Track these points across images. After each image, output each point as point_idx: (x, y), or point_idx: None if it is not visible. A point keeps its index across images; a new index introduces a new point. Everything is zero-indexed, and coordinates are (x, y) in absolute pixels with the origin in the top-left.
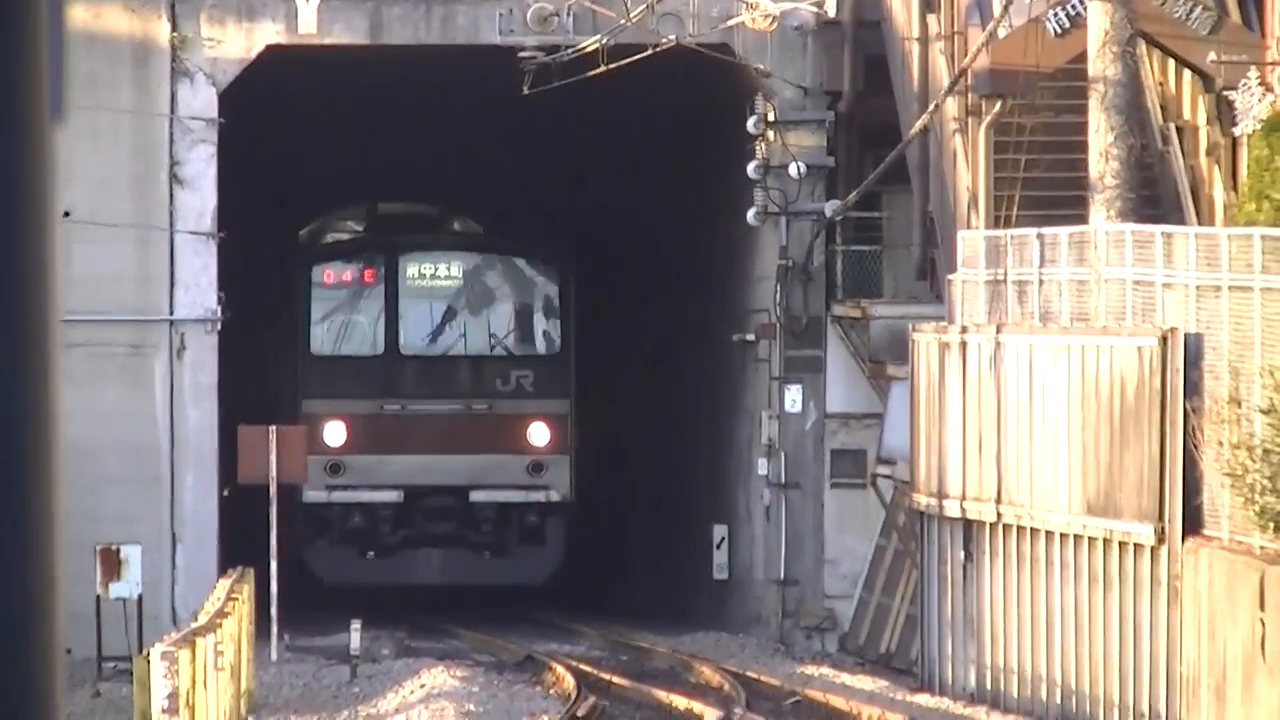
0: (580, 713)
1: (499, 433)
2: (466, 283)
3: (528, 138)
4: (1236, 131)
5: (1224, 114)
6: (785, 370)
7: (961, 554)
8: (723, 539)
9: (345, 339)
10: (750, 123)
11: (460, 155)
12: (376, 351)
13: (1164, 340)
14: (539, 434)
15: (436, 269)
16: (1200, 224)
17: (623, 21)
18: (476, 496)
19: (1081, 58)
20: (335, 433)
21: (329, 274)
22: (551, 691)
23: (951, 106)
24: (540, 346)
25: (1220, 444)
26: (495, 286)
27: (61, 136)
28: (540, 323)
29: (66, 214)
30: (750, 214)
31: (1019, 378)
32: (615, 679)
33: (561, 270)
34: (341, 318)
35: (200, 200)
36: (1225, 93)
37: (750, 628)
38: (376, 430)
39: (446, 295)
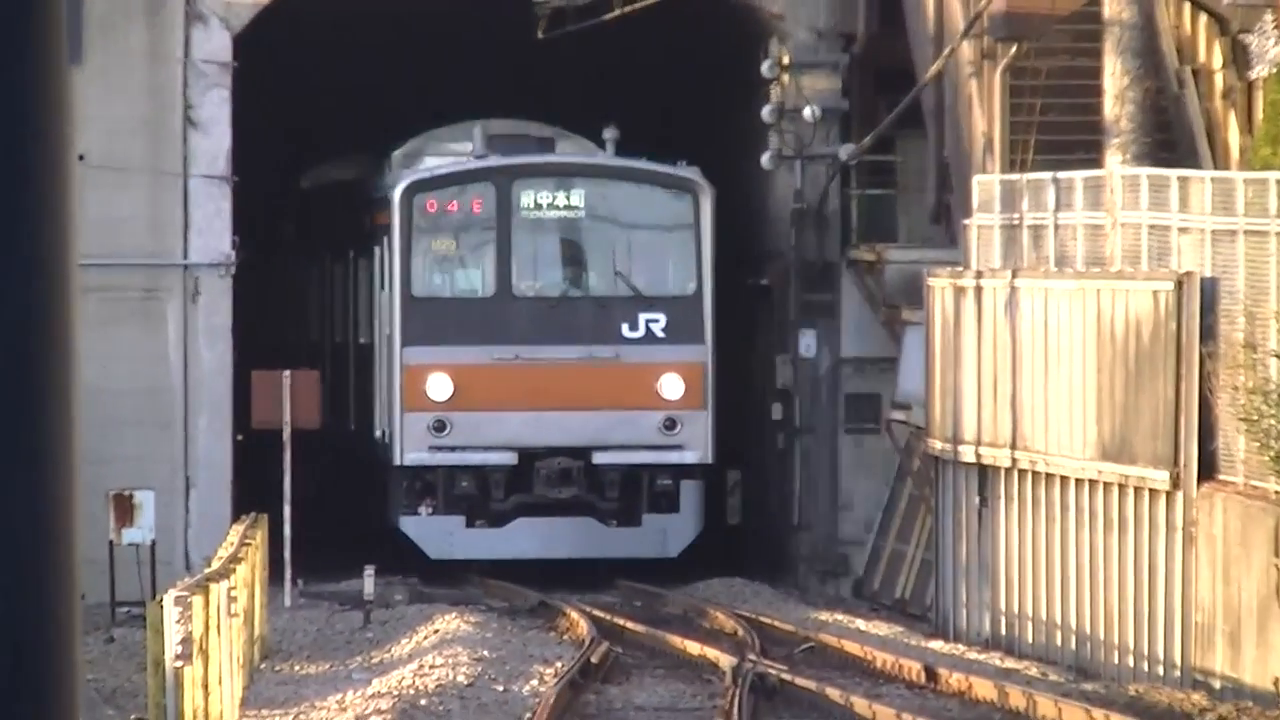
0: (594, 659)
1: (627, 385)
2: (589, 213)
3: (544, 79)
4: (1252, 75)
5: (1239, 57)
6: (800, 314)
7: (976, 499)
8: (735, 484)
9: (451, 279)
10: (764, 66)
11: (479, 92)
12: (486, 293)
13: (1179, 285)
14: (672, 386)
15: (555, 197)
16: (1216, 168)
17: None
18: (601, 458)
19: (1097, 1)
20: (439, 386)
21: (431, 203)
22: (565, 637)
23: (967, 50)
24: (673, 286)
25: (1235, 389)
26: (622, 217)
27: (78, 80)
28: (673, 259)
29: (81, 158)
30: (765, 158)
31: (1034, 322)
32: (629, 625)
33: (697, 198)
34: (446, 254)
35: (214, 144)
36: (1241, 36)
37: (765, 573)
38: (487, 383)
39: (566, 228)
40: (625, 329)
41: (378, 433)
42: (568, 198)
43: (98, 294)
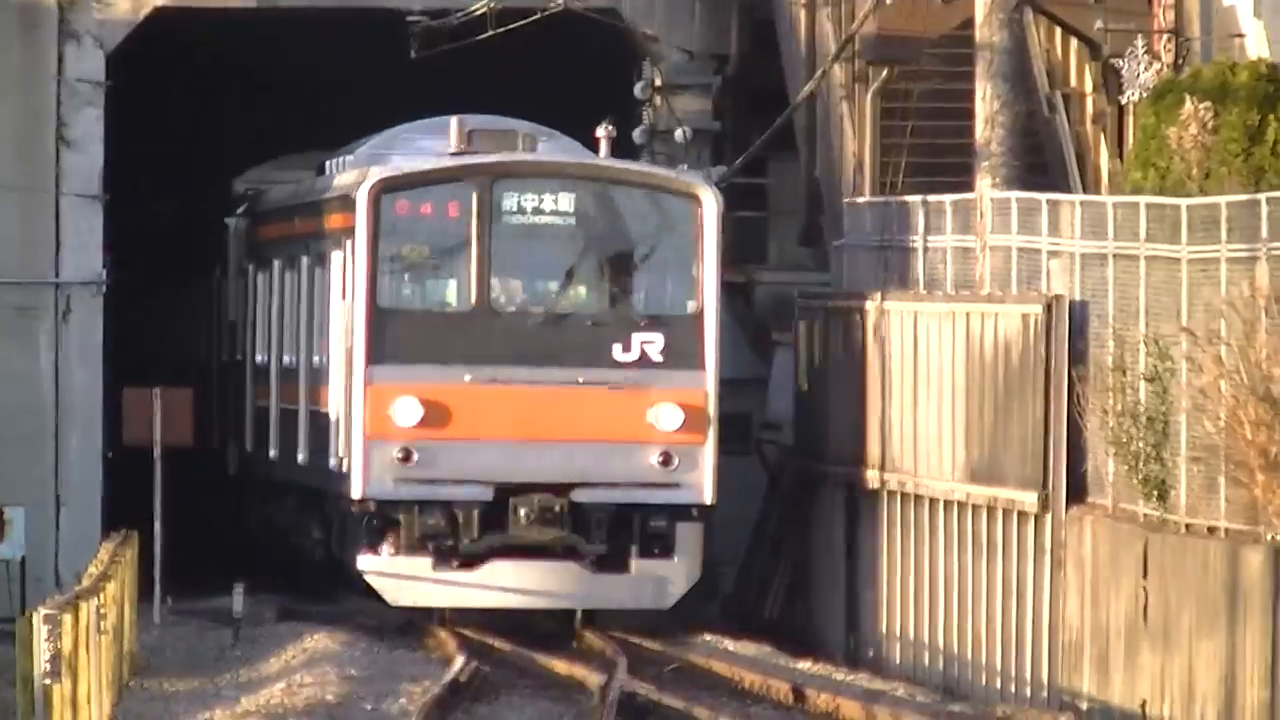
0: (462, 678)
1: (618, 414)
2: (579, 220)
3: (417, 102)
4: (1123, 99)
5: (1110, 82)
6: None
7: (845, 520)
8: None
9: (422, 290)
10: (637, 88)
11: (350, 117)
12: (462, 307)
13: (1049, 308)
14: (669, 416)
15: (541, 201)
16: (1086, 192)
17: None
18: (586, 496)
19: (968, 24)
20: (407, 410)
21: (402, 204)
22: (433, 656)
23: (839, 73)
24: (672, 304)
25: (1105, 412)
26: (616, 225)
27: None
28: (672, 273)
29: None
30: None
31: (904, 345)
32: (497, 643)
33: (699, 206)
34: (418, 262)
35: (88, 162)
36: (1112, 61)
37: None
38: (460, 407)
39: (553, 235)
40: (617, 351)
41: (332, 461)
42: (556, 202)
43: None
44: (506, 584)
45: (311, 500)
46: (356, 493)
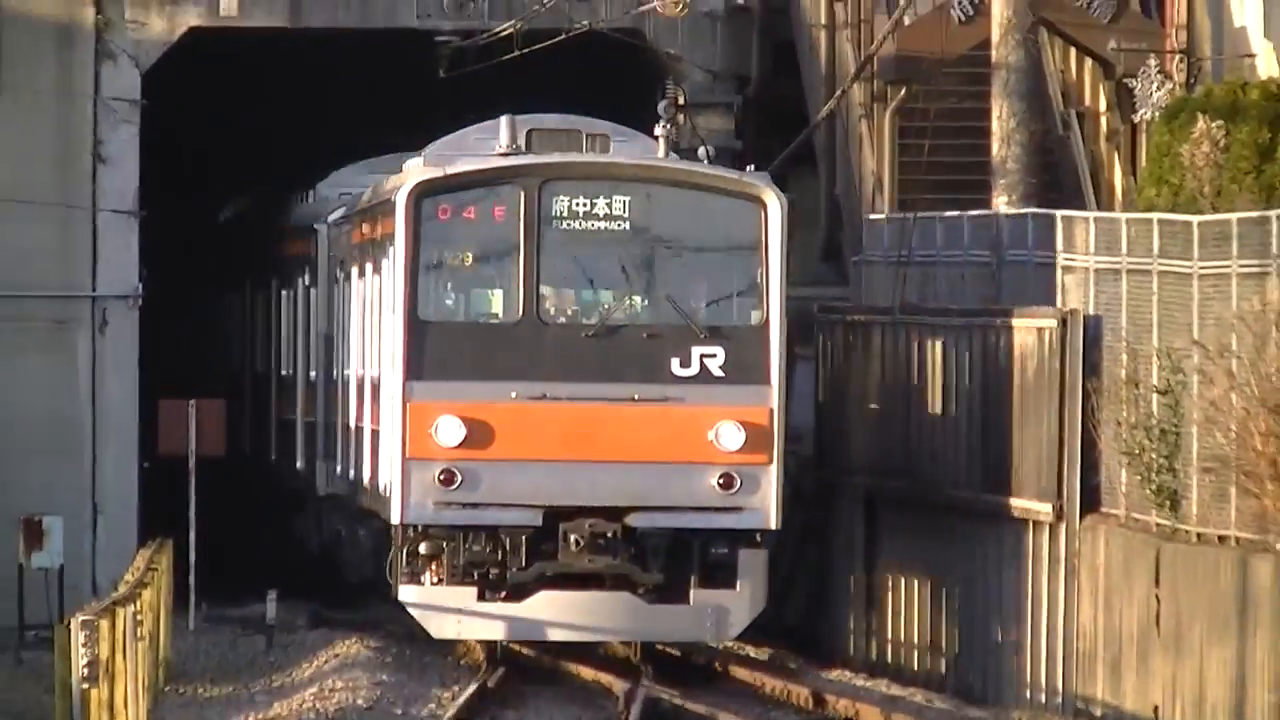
0: (490, 684)
1: (676, 433)
2: (635, 225)
3: (445, 120)
4: (1136, 118)
5: (1124, 101)
6: None
7: (864, 528)
8: None
9: (466, 300)
10: (660, 106)
11: (380, 136)
12: (509, 318)
13: (1064, 322)
14: (731, 436)
15: (594, 205)
16: (1100, 208)
17: (537, 6)
18: (641, 520)
19: (985, 44)
20: (450, 430)
21: (444, 208)
22: (463, 662)
23: (858, 92)
24: (735, 315)
25: (1118, 424)
26: (676, 231)
27: None
28: (736, 282)
29: None
30: None
31: (923, 357)
32: (524, 650)
33: (765, 210)
34: (461, 271)
35: (123, 179)
36: (1125, 80)
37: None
38: (507, 426)
39: (607, 241)
40: (676, 365)
41: (381, 482)
42: (610, 205)
43: (7, 324)
44: (556, 616)
45: (370, 523)
46: (395, 517)
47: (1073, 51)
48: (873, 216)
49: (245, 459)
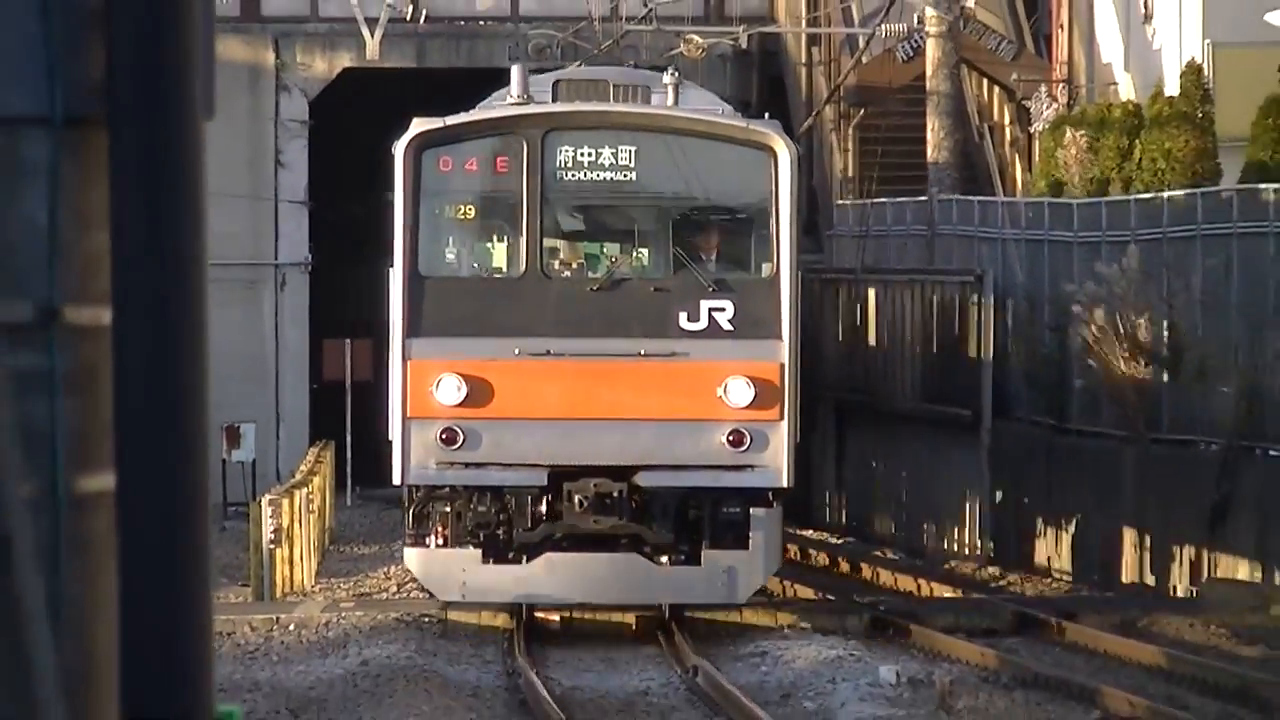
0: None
1: (685, 389)
2: (642, 176)
3: None
4: (1031, 130)
5: (1022, 117)
6: None
7: (835, 430)
8: None
9: (467, 254)
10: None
11: None
12: (512, 273)
13: (979, 278)
14: (741, 391)
15: (599, 155)
16: (1006, 195)
17: (595, 51)
18: (649, 480)
19: (921, 77)
20: (450, 388)
21: (445, 160)
22: None
23: (829, 112)
24: (745, 268)
25: (1020, 352)
26: (683, 182)
27: (208, 130)
28: (745, 234)
29: None
30: None
31: (878, 304)
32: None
33: (775, 160)
34: (462, 224)
35: (296, 179)
36: (1023, 102)
37: None
38: (510, 384)
39: (613, 193)
40: (684, 319)
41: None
42: (615, 156)
43: (215, 284)
44: (562, 578)
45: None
46: (396, 477)
47: (985, 81)
48: (840, 203)
49: (385, 382)
